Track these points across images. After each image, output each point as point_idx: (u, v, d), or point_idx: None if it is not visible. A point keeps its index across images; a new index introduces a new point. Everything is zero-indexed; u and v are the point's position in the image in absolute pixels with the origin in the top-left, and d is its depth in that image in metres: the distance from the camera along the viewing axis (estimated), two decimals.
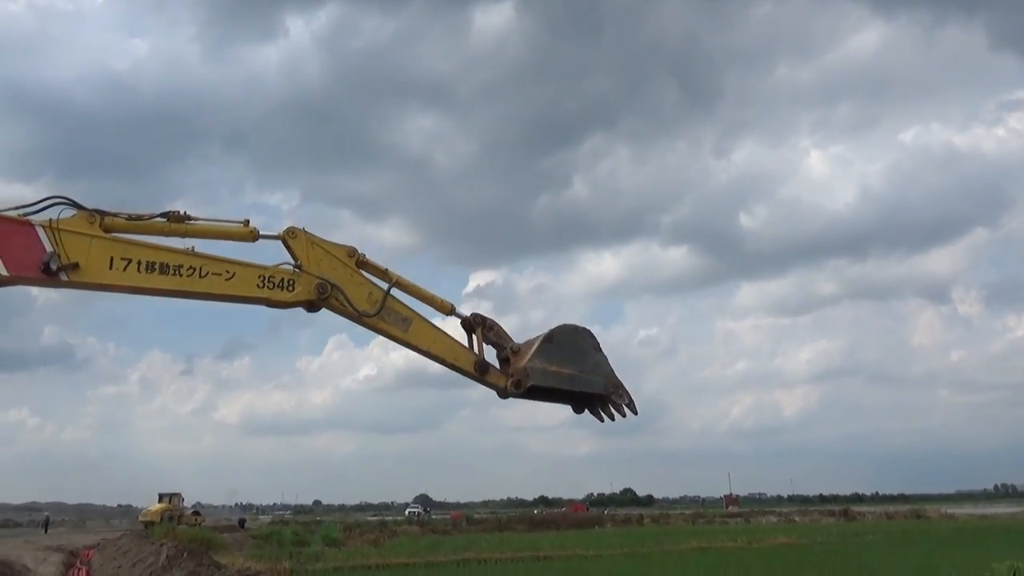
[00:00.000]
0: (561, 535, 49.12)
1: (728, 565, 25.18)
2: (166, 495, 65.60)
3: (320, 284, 8.54)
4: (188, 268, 8.00)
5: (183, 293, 8.17)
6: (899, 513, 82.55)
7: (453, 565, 27.28)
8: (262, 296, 8.33)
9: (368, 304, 8.86)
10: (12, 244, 7.14)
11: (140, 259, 7.75)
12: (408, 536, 49.92)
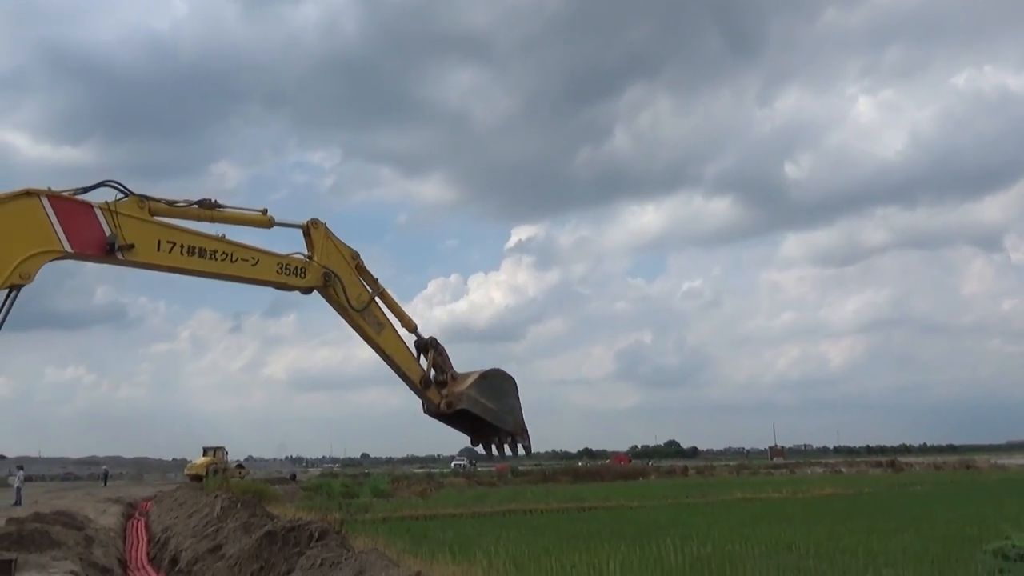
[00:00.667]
0: (605, 487, 49.46)
1: (773, 515, 25.14)
2: (210, 449, 66.51)
3: (326, 273, 9.94)
4: (222, 254, 9.15)
5: (217, 275, 9.32)
6: (948, 464, 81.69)
7: (499, 516, 27.60)
8: (280, 280, 9.70)
9: (357, 301, 10.25)
10: (76, 224, 7.91)
11: (183, 243, 8.76)
12: (454, 488, 50.62)
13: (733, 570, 13.47)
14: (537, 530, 21.38)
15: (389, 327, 10.70)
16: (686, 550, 16.33)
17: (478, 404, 10.75)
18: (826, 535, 18.71)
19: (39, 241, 7.73)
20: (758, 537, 18.52)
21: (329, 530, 13.47)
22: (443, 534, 19.64)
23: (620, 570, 13.65)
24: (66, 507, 25.93)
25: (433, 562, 11.93)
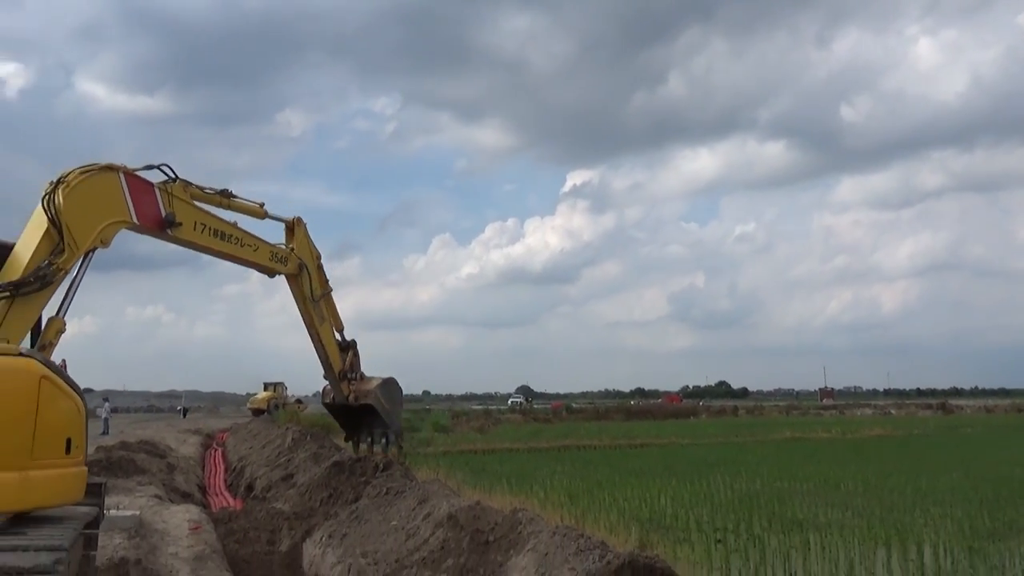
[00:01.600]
0: (657, 425, 49.54)
1: (822, 455, 25.00)
2: (271, 384, 67.59)
3: (300, 263, 11.55)
4: (235, 238, 10.43)
5: (228, 255, 10.45)
6: (999, 407, 79.87)
7: (554, 451, 27.91)
8: (268, 266, 11.13)
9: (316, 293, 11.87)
10: (142, 200, 8.71)
11: (212, 226, 9.98)
12: (511, 424, 51.19)
13: (781, 506, 13.46)
14: (590, 465, 21.59)
15: (328, 322, 12.23)
16: (735, 486, 16.36)
17: (380, 403, 12.43)
18: (874, 474, 18.56)
19: (116, 211, 8.41)
20: (806, 475, 18.45)
21: (393, 461, 13.79)
22: (500, 467, 19.95)
23: (671, 504, 13.74)
24: (149, 437, 26.92)
25: (491, 493, 12.15)
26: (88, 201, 7.89)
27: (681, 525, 11.71)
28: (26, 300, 7.32)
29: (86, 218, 7.83)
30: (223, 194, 10.38)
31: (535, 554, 6.13)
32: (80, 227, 7.74)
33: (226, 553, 10.86)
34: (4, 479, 6.25)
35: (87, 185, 7.94)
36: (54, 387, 6.74)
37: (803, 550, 9.80)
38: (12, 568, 5.87)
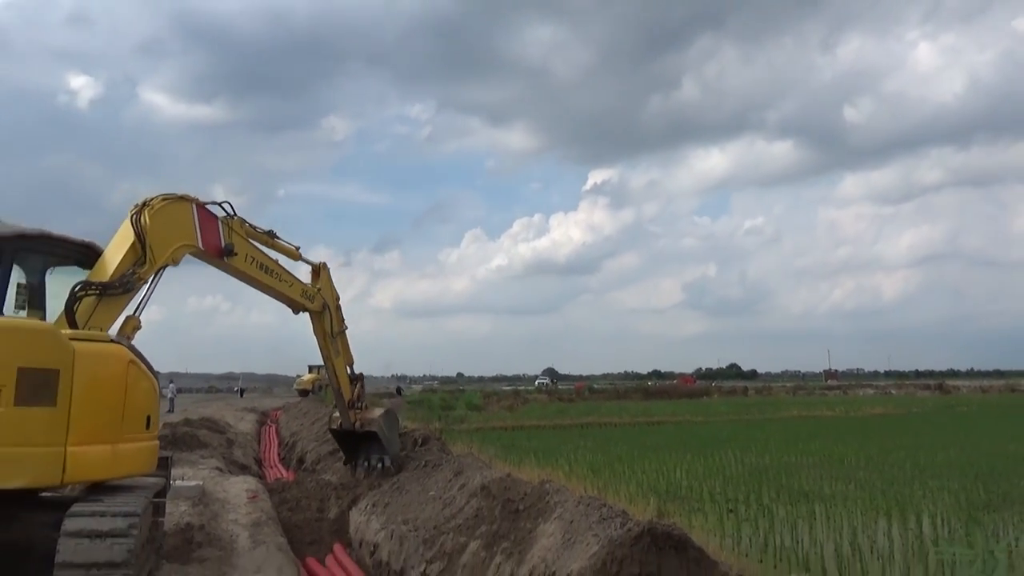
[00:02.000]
0: (672, 404, 49.34)
1: (826, 432, 24.78)
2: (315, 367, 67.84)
3: (324, 303, 11.85)
4: (275, 273, 10.72)
5: (267, 287, 10.67)
6: (994, 387, 78.55)
7: (577, 428, 27.92)
8: (299, 301, 11.38)
9: (334, 330, 12.17)
10: (208, 230, 9.09)
11: (259, 259, 10.30)
12: (538, 403, 51.25)
13: (789, 479, 13.39)
14: (611, 441, 21.59)
15: (342, 356, 12.51)
16: (746, 460, 16.28)
17: (382, 430, 12.56)
18: (876, 450, 18.38)
19: (187, 236, 8.73)
20: (812, 450, 18.31)
21: (431, 437, 13.87)
22: (528, 443, 20.01)
23: (686, 477, 13.71)
24: (210, 415, 27.28)
25: (520, 466, 12.19)
26: (167, 225, 8.35)
27: (695, 496, 11.68)
28: (111, 300, 7.66)
29: (164, 239, 8.28)
30: (269, 234, 10.75)
31: (561, 521, 6.16)
32: (158, 246, 8.17)
33: (280, 520, 11.00)
34: (100, 451, 6.48)
35: (167, 211, 8.42)
36: (138, 370, 6.99)
37: (809, 519, 9.76)
38: (92, 531, 6.01)
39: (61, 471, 6.16)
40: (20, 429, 6.01)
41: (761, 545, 8.47)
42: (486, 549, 6.79)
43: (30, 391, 6.06)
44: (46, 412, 6.12)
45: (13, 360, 6.01)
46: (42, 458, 6.11)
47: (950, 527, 9.33)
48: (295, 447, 22.95)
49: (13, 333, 6.21)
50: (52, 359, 6.20)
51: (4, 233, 7.01)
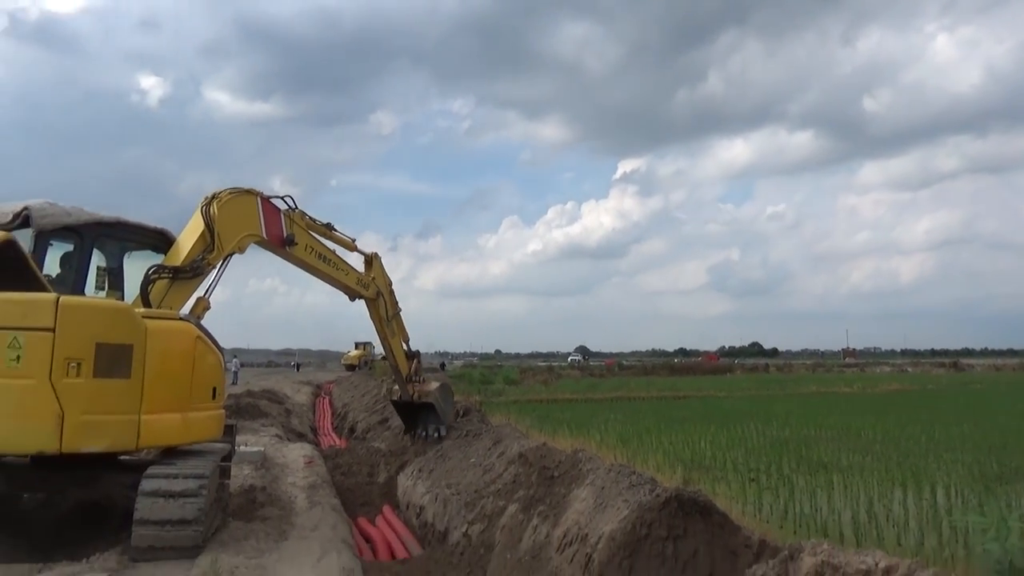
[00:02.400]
0: (697, 380, 48.94)
1: (844, 407, 24.41)
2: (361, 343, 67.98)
3: (378, 290, 11.88)
4: (333, 262, 10.78)
5: (325, 275, 10.71)
6: (1007, 365, 76.29)
7: (608, 401, 27.86)
8: (355, 289, 11.42)
9: (389, 314, 12.21)
10: (272, 222, 9.25)
11: (317, 249, 10.38)
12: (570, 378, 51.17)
13: (808, 450, 13.22)
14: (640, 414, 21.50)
15: (398, 336, 12.62)
16: (766, 433, 16.11)
17: (438, 401, 12.66)
18: (892, 424, 18.04)
19: (252, 226, 8.90)
20: (830, 424, 18.05)
21: (471, 408, 13.96)
22: (562, 415, 20.00)
23: (710, 448, 13.61)
24: (270, 387, 27.74)
25: (555, 436, 12.19)
26: (233, 215, 8.51)
27: (719, 466, 11.60)
28: (182, 283, 7.84)
29: (230, 229, 8.45)
30: (327, 226, 10.87)
31: (593, 487, 6.16)
32: (225, 235, 8.33)
33: (334, 483, 11.17)
34: (171, 419, 6.68)
35: (234, 203, 8.59)
36: (205, 345, 7.16)
37: (827, 489, 9.63)
38: (166, 491, 6.18)
39: (136, 437, 6.35)
40: (99, 398, 6.19)
41: (781, 512, 8.38)
42: (523, 512, 6.83)
43: (107, 364, 6.23)
44: (122, 383, 6.29)
45: (91, 336, 6.18)
46: (119, 425, 6.28)
47: (963, 497, 9.14)
48: (347, 417, 23.27)
49: (91, 312, 6.37)
50: (126, 335, 6.36)
51: (84, 220, 7.18)
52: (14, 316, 6.10)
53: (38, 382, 5.99)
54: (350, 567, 6.31)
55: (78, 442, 6.10)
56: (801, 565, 3.56)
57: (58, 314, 6.09)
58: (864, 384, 40.52)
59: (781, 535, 6.44)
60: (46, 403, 5.98)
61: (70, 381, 6.07)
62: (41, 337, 6.03)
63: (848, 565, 3.40)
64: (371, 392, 25.66)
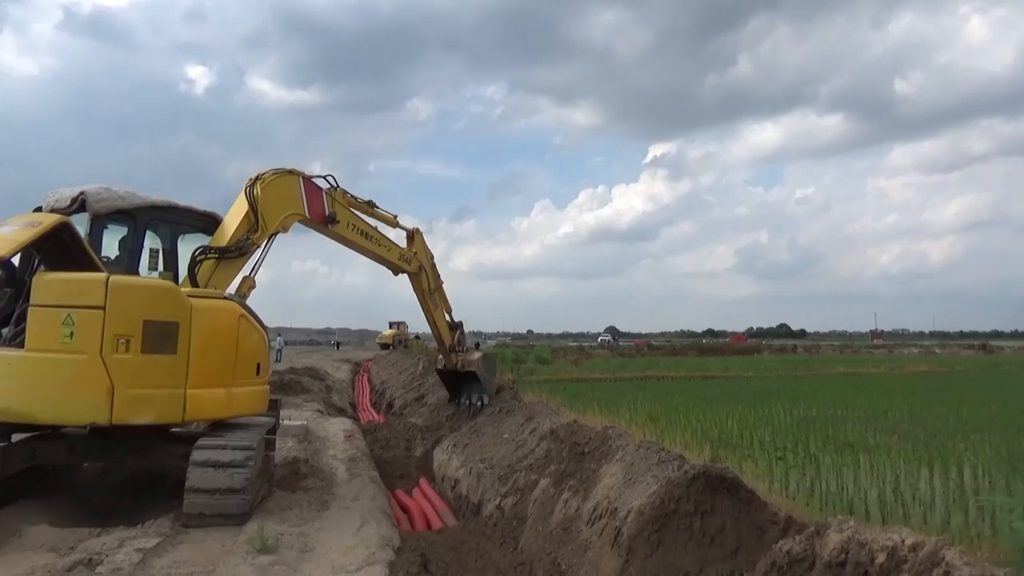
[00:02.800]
0: (725, 360, 48.49)
1: (872, 387, 24.04)
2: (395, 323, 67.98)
3: (421, 265, 11.78)
4: (375, 239, 10.72)
5: (367, 251, 10.67)
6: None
7: (637, 381, 27.79)
8: (397, 264, 11.35)
9: (431, 287, 12.05)
10: (314, 200, 9.24)
11: (359, 227, 10.33)
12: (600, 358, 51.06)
13: (835, 430, 13.07)
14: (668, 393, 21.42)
15: (441, 308, 12.45)
16: (794, 412, 15.95)
17: (480, 371, 12.63)
18: (919, 405, 17.73)
19: (295, 206, 8.90)
20: (857, 404, 17.80)
21: (504, 386, 14.00)
22: (592, 393, 20.00)
23: (737, 426, 13.53)
24: (311, 364, 28.14)
25: (585, 414, 12.21)
26: (276, 195, 8.54)
27: (746, 444, 11.53)
28: (228, 263, 7.91)
29: (274, 208, 8.48)
30: (368, 204, 10.82)
31: (623, 463, 6.17)
32: (269, 214, 8.37)
33: (372, 456, 11.32)
34: (216, 393, 6.81)
35: (277, 184, 8.60)
36: (248, 323, 7.26)
37: (853, 468, 9.52)
38: (215, 462, 6.33)
39: (182, 410, 6.48)
40: (146, 373, 6.33)
41: (808, 490, 8.32)
42: (555, 486, 6.87)
43: (154, 341, 6.37)
44: (168, 359, 6.43)
45: (139, 314, 6.32)
46: (165, 398, 6.42)
47: (991, 477, 8.98)
48: (385, 393, 23.54)
49: (139, 291, 6.51)
50: (172, 313, 6.49)
51: (137, 204, 7.32)
52: (68, 295, 6.26)
53: (90, 357, 6.14)
54: (388, 536, 6.41)
55: (127, 414, 6.26)
56: (827, 541, 3.53)
57: (108, 293, 6.22)
58: (892, 365, 39.83)
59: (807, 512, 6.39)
60: (97, 377, 6.14)
61: (119, 356, 6.21)
62: (92, 315, 6.18)
63: (874, 542, 3.37)
64: (408, 370, 25.90)
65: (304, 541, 5.87)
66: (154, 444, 6.99)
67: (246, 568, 5.00)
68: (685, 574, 4.67)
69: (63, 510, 6.88)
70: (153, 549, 5.32)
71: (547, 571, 5.72)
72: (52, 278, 6.46)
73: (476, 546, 6.86)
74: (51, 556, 5.23)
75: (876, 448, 11.05)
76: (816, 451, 10.80)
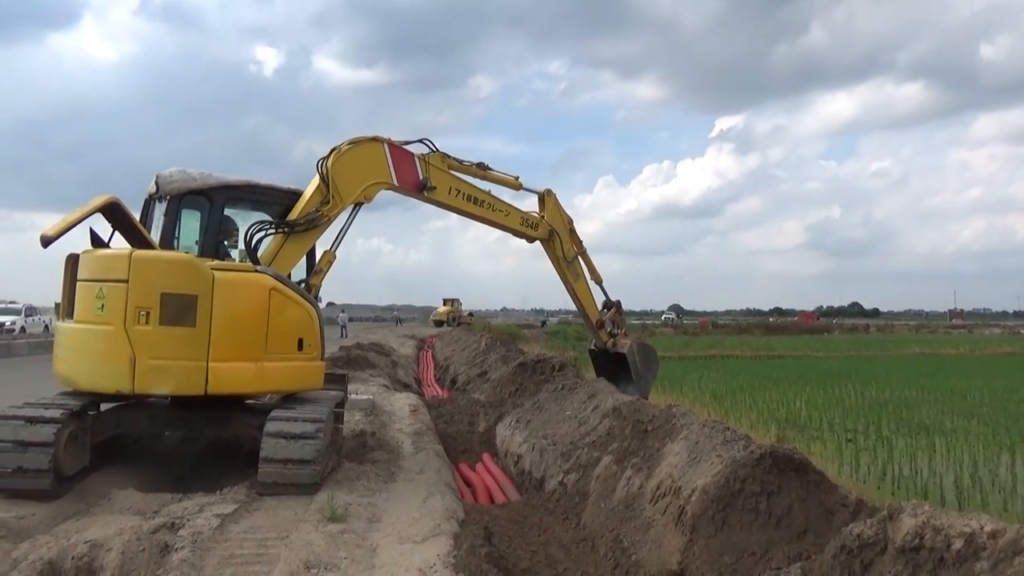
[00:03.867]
0: (793, 339, 47.30)
1: (949, 369, 23.10)
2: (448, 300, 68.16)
3: (552, 230, 10.81)
4: (487, 204, 9.95)
5: (481, 218, 9.99)
6: None
7: (701, 359, 27.42)
8: (520, 230, 10.52)
9: (567, 255, 11.01)
10: (403, 167, 8.84)
11: (465, 191, 9.66)
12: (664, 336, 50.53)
13: (909, 412, 12.66)
14: (733, 372, 21.06)
15: (583, 278, 11.30)
16: (865, 394, 15.49)
17: (634, 359, 11.35)
18: (1001, 387, 16.98)
19: (380, 174, 8.62)
20: (934, 386, 17.16)
21: (567, 364, 14.01)
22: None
23: (806, 407, 13.24)
24: (376, 340, 28.69)
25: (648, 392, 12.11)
26: (354, 165, 8.33)
27: (815, 426, 11.28)
28: (297, 238, 7.83)
29: (351, 178, 8.27)
30: (479, 166, 10.08)
31: (687, 442, 6.12)
32: (345, 185, 8.18)
33: (437, 430, 11.49)
34: (243, 367, 6.79)
35: (354, 152, 8.38)
36: (283, 297, 7.04)
37: (928, 451, 9.22)
38: (287, 433, 6.55)
39: (204, 382, 6.51)
40: (165, 345, 6.44)
41: (879, 473, 8.11)
42: (617, 463, 6.87)
43: (172, 313, 6.45)
44: (187, 331, 6.47)
45: (158, 286, 6.45)
46: (184, 370, 6.49)
47: None
48: (448, 369, 23.85)
49: (156, 264, 6.64)
50: (190, 286, 6.53)
51: (211, 184, 7.52)
52: (100, 269, 6.59)
53: (116, 328, 6.38)
54: (453, 508, 6.53)
55: (147, 384, 6.44)
56: (900, 526, 3.43)
57: (131, 267, 6.44)
58: (971, 346, 38.18)
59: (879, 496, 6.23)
60: (122, 347, 6.36)
61: (140, 328, 6.39)
62: (118, 288, 6.41)
63: (951, 528, 3.26)
64: (471, 346, 26.16)
65: (372, 511, 6.04)
66: (231, 415, 7.25)
67: (317, 536, 5.18)
68: (750, 555, 4.62)
69: (147, 476, 7.25)
70: (231, 515, 5.56)
71: (609, 547, 5.75)
72: (91, 255, 6.79)
73: (539, 521, 6.93)
74: (137, 519, 5.52)
75: (953, 432, 10.65)
76: (889, 434, 10.49)
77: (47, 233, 6.31)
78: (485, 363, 20.42)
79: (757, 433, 8.15)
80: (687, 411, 7.37)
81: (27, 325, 34.28)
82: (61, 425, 6.22)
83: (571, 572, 5.54)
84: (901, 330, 71.65)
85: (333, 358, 16.85)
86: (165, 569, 4.45)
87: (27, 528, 5.46)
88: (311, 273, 8.15)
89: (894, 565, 3.35)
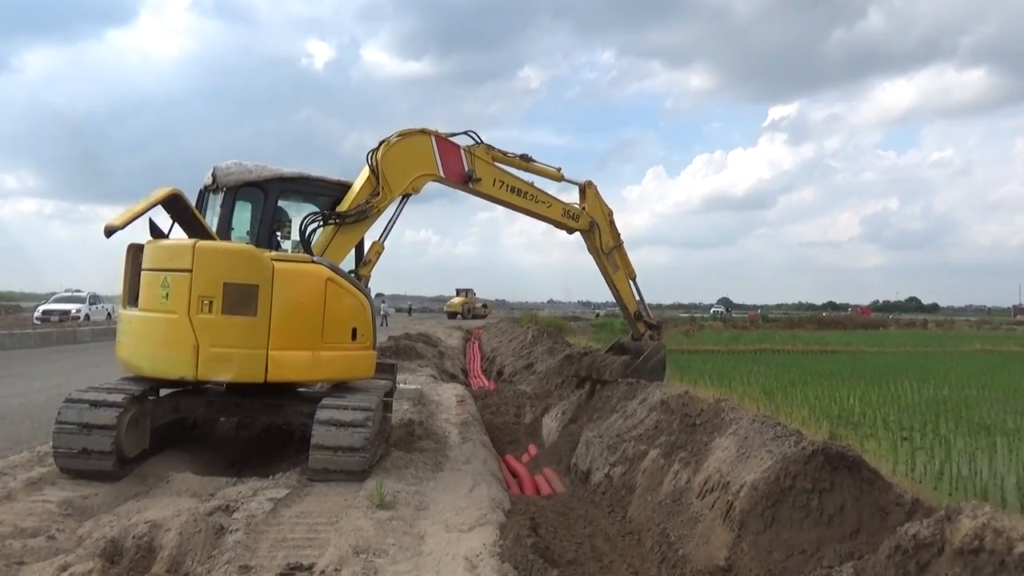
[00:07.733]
0: (847, 334, 46.10)
1: (1013, 366, 22.23)
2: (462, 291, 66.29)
3: (592, 221, 10.77)
4: (530, 195, 10.02)
5: (523, 209, 10.07)
6: None
7: (751, 353, 26.93)
8: (561, 221, 10.51)
9: (606, 247, 10.98)
10: (449, 159, 8.95)
11: (509, 183, 9.73)
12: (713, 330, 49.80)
13: (969, 411, 12.23)
14: (784, 367, 20.64)
15: (622, 270, 11.36)
16: (922, 391, 15.03)
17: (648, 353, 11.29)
18: None
19: (427, 166, 8.72)
20: (996, 384, 16.54)
21: None
22: (703, 365, 19.57)
23: (859, 404, 12.91)
24: (424, 331, 29.00)
25: (696, 386, 11.99)
26: (402, 156, 8.45)
27: (869, 423, 10.99)
28: (348, 229, 7.98)
29: (400, 170, 8.39)
30: (523, 158, 10.19)
31: (736, 436, 6.04)
32: (393, 176, 8.29)
33: (483, 421, 11.58)
34: (300, 355, 6.93)
35: (403, 144, 8.50)
36: (338, 287, 7.17)
37: (989, 451, 8.89)
38: (338, 421, 6.67)
39: (264, 370, 6.66)
40: (227, 333, 6.61)
41: (936, 473, 7.85)
42: (664, 457, 6.81)
43: (234, 302, 6.60)
44: (248, 320, 6.63)
45: (220, 276, 6.62)
46: (246, 358, 6.65)
47: None
48: (495, 361, 23.98)
49: (220, 254, 6.81)
50: (251, 276, 6.68)
51: (265, 176, 7.69)
52: (164, 259, 6.79)
53: (180, 317, 6.56)
54: (499, 498, 6.57)
55: (209, 371, 6.63)
56: (959, 527, 3.33)
57: (195, 257, 6.61)
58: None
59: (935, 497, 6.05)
60: (185, 335, 6.54)
61: (203, 316, 6.56)
62: (182, 277, 6.59)
63: (1013, 530, 3.14)
64: (518, 338, 26.26)
65: (419, 499, 6.12)
66: (284, 402, 7.42)
67: (366, 522, 5.27)
68: (800, 553, 4.54)
69: (203, 460, 7.48)
70: (283, 499, 5.70)
71: (656, 541, 5.71)
72: (155, 245, 7.01)
73: (584, 513, 6.93)
74: (194, 501, 5.71)
75: (1016, 431, 10.26)
76: (947, 433, 10.16)
77: (113, 223, 6.53)
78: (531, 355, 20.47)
79: (808, 429, 7.97)
80: (736, 405, 7.26)
81: (91, 313, 35.60)
82: (123, 409, 6.46)
83: (617, 565, 5.53)
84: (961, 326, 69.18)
85: (382, 348, 17.07)
86: (220, 550, 4.58)
87: (91, 507, 5.69)
88: (360, 264, 8.27)
89: (952, 567, 3.25)
